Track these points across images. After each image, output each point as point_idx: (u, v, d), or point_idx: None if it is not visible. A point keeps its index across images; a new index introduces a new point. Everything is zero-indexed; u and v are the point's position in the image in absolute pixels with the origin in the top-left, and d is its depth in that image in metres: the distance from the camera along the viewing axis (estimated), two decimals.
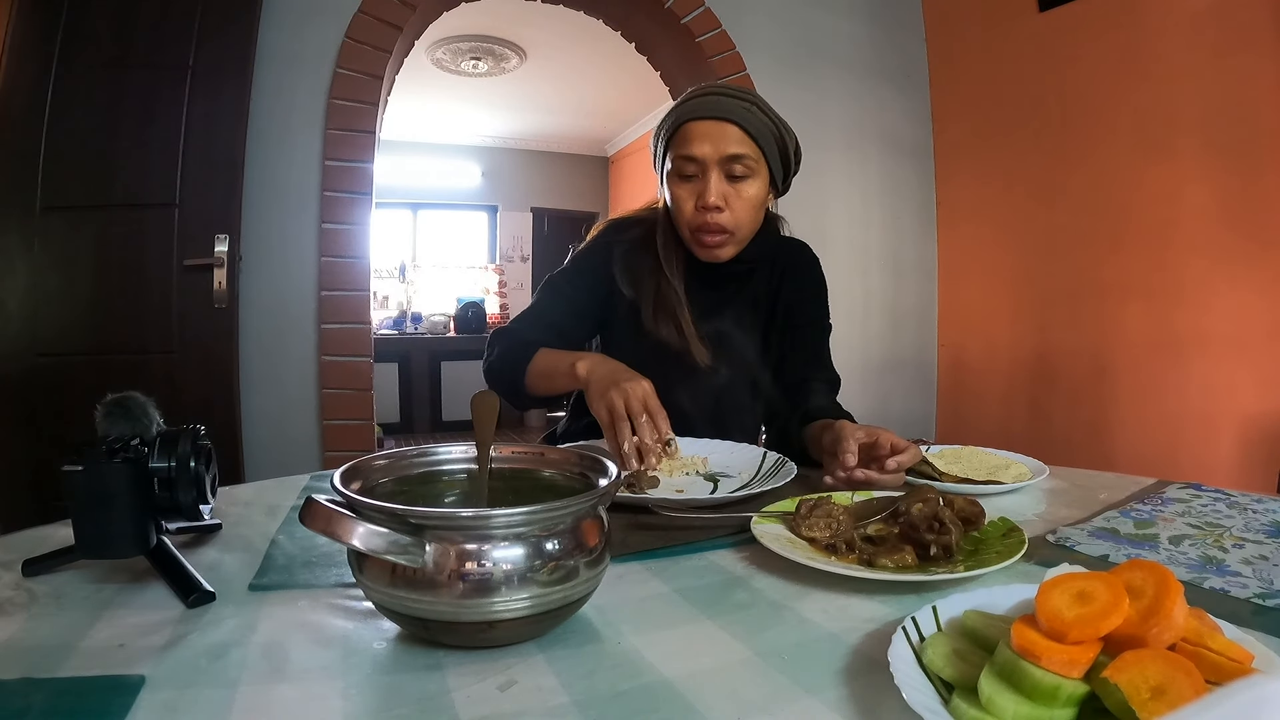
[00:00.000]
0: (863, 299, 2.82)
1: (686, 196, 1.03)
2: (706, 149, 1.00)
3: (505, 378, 1.02)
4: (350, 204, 2.10)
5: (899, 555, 0.55)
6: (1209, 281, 2.10)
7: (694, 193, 1.02)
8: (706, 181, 1.00)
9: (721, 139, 1.00)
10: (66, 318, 1.81)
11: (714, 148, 1.00)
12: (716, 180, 1.00)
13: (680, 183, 1.03)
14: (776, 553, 0.56)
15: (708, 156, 1.00)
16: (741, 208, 1.02)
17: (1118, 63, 2.28)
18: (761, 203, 1.05)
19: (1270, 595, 0.50)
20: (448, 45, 4.41)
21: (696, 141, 1.00)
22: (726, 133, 1.00)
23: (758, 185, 1.03)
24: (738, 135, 1.00)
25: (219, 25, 1.87)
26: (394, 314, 6.05)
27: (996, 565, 0.52)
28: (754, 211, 1.04)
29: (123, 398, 0.55)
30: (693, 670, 0.42)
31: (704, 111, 1.01)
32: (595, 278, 1.11)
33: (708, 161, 1.00)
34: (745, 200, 1.02)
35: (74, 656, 0.43)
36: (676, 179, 1.04)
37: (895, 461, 0.77)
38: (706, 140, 1.00)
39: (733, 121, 1.00)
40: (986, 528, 0.60)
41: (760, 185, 1.03)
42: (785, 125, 1.05)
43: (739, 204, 1.02)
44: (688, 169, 1.02)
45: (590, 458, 0.53)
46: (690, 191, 1.02)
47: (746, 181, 1.02)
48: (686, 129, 1.02)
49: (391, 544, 0.40)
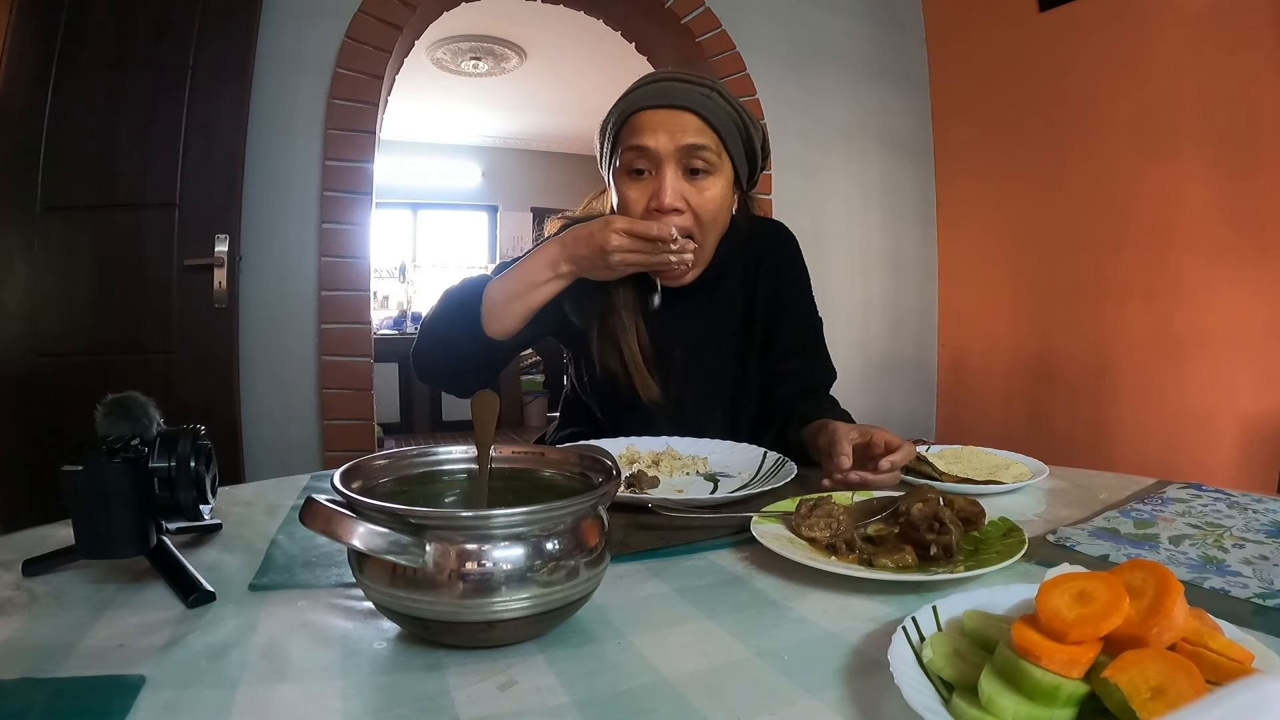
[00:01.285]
0: (863, 299, 2.83)
1: (638, 197, 0.89)
2: (661, 140, 0.87)
3: (454, 335, 0.87)
4: (350, 204, 2.10)
5: (899, 555, 0.55)
6: (1209, 281, 2.10)
7: (646, 192, 0.89)
8: (661, 179, 0.87)
9: (678, 128, 0.87)
10: (66, 318, 1.81)
11: (669, 138, 0.87)
12: (673, 177, 0.88)
13: (630, 181, 0.90)
14: (776, 553, 0.56)
15: (662, 149, 0.87)
16: (703, 208, 0.89)
17: (1118, 63, 2.28)
18: (725, 204, 0.93)
19: (1270, 595, 0.50)
20: (448, 45, 4.41)
21: (648, 132, 0.87)
22: (683, 122, 0.87)
23: (720, 183, 0.91)
24: (696, 124, 0.88)
25: (219, 25, 1.87)
26: (394, 314, 6.05)
27: (996, 565, 0.52)
28: (717, 213, 0.91)
29: (123, 398, 0.55)
30: (693, 670, 0.42)
31: (656, 99, 0.88)
32: None
33: (662, 155, 0.87)
34: (707, 199, 0.89)
35: (74, 656, 0.43)
36: (625, 176, 0.91)
37: (889, 461, 0.73)
38: (661, 130, 0.87)
39: (690, 110, 0.87)
40: (986, 528, 0.60)
41: (724, 183, 0.91)
42: (749, 114, 0.93)
43: (700, 203, 0.89)
44: (638, 163, 0.89)
45: (590, 458, 0.53)
46: (642, 191, 0.89)
47: (707, 178, 0.90)
48: (637, 119, 0.89)
49: (392, 544, 0.40)
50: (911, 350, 2.95)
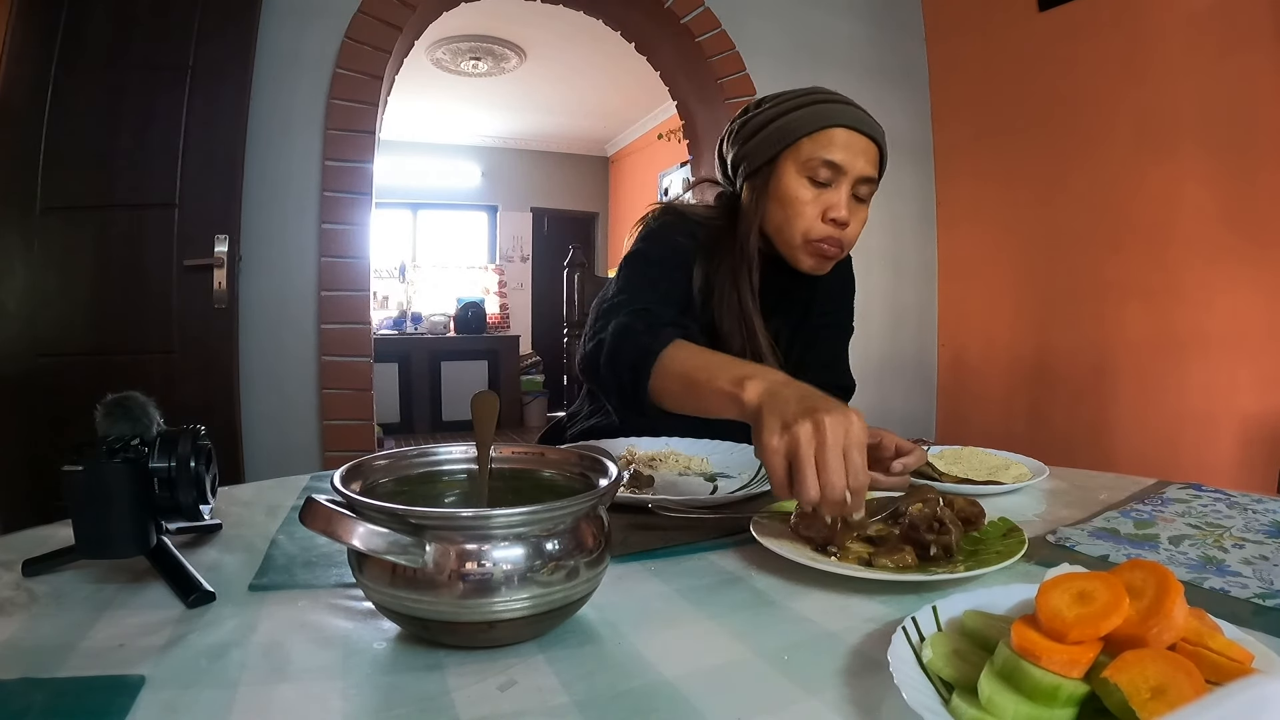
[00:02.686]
0: (863, 299, 2.78)
1: (811, 201, 0.95)
2: (853, 161, 0.93)
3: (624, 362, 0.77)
4: (350, 204, 2.10)
5: (899, 555, 0.55)
6: (1209, 281, 2.10)
7: (821, 201, 0.94)
8: (839, 194, 0.94)
9: (864, 157, 0.94)
10: (66, 318, 1.81)
11: (858, 163, 0.94)
12: (847, 195, 0.94)
13: (808, 185, 0.95)
14: (776, 552, 0.56)
15: (849, 168, 0.93)
16: (856, 229, 0.97)
17: (1118, 63, 2.28)
18: None
19: (1270, 595, 0.50)
20: (448, 45, 4.41)
21: (843, 150, 0.93)
22: (870, 152, 0.95)
23: (868, 208, 0.99)
24: (875, 158, 0.96)
25: (219, 25, 1.87)
26: (394, 314, 6.06)
27: (996, 565, 0.52)
28: (861, 231, 0.99)
29: (123, 398, 0.55)
30: (693, 670, 0.42)
31: (857, 123, 0.94)
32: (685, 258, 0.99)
33: (848, 174, 0.94)
34: (859, 222, 0.97)
35: (74, 656, 0.43)
36: (805, 180, 0.95)
37: (901, 464, 0.75)
38: (853, 152, 0.94)
39: (876, 142, 0.95)
40: (986, 528, 0.60)
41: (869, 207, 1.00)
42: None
43: (855, 225, 0.97)
44: (822, 174, 0.94)
45: (590, 458, 0.53)
46: (817, 198, 0.95)
47: (865, 205, 0.98)
48: (837, 133, 0.94)
49: (392, 544, 0.40)
50: (911, 350, 2.94)
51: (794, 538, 0.60)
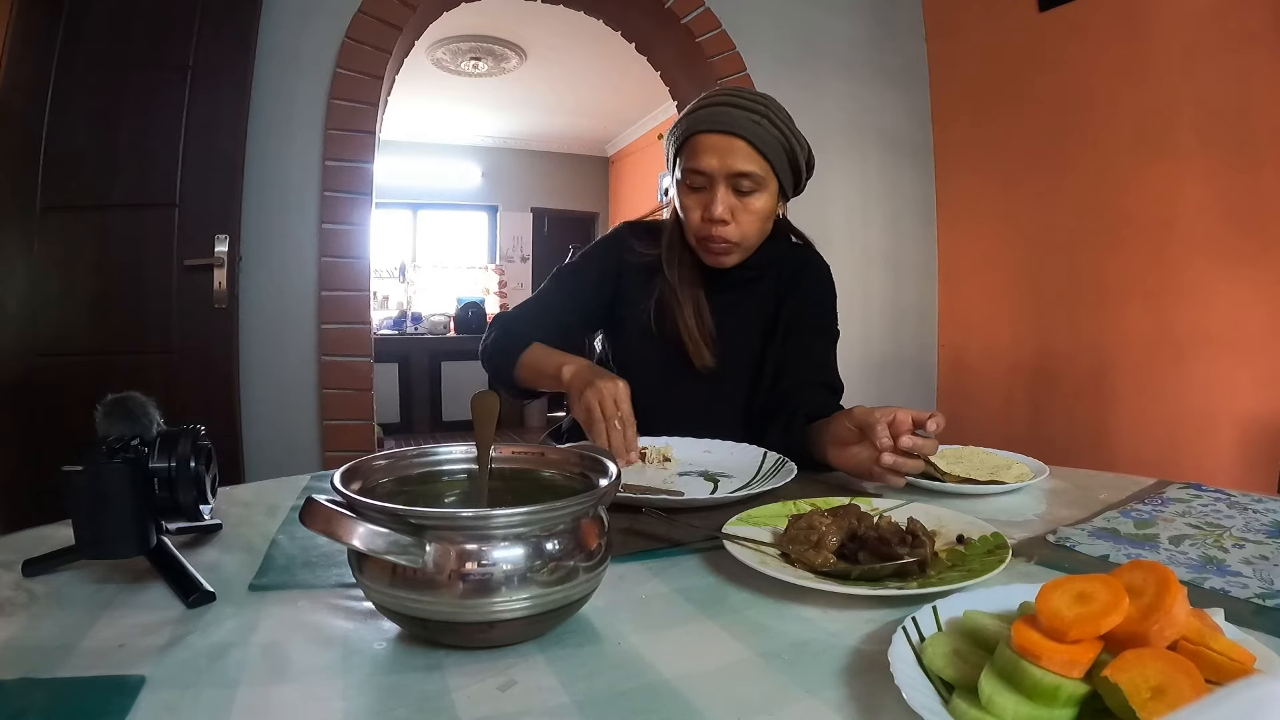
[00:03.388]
0: (863, 299, 2.82)
1: (693, 206, 1.03)
2: (714, 163, 0.99)
3: (499, 366, 1.05)
4: (350, 204, 2.10)
5: (880, 563, 0.54)
6: (1209, 281, 2.10)
7: (701, 203, 1.02)
8: (713, 194, 1.00)
9: (729, 155, 0.99)
10: (66, 318, 1.81)
11: (721, 163, 0.99)
12: (724, 194, 1.00)
13: (688, 193, 1.04)
14: (752, 566, 0.54)
15: (715, 170, 0.99)
16: (748, 221, 1.02)
17: (1118, 63, 2.28)
18: (769, 214, 1.05)
19: (1270, 595, 0.50)
20: (448, 45, 4.41)
21: (704, 155, 1.00)
22: (735, 149, 0.99)
23: (765, 198, 1.02)
24: (746, 152, 0.99)
25: (219, 25, 1.87)
26: (394, 314, 6.05)
27: (970, 581, 0.49)
28: (760, 224, 1.04)
29: (123, 398, 0.55)
30: (693, 670, 0.42)
31: (713, 124, 0.99)
32: (603, 275, 1.13)
33: (715, 175, 1.00)
34: (752, 214, 1.02)
35: (74, 656, 0.43)
36: (685, 189, 1.04)
37: (934, 423, 0.76)
38: (714, 155, 0.99)
39: (741, 137, 0.98)
40: (973, 543, 0.58)
41: (768, 198, 1.03)
42: (796, 135, 1.04)
43: (745, 217, 1.02)
44: (695, 181, 1.02)
45: (590, 458, 0.53)
46: (697, 202, 1.03)
47: (753, 196, 1.01)
48: (695, 141, 1.01)
49: (392, 544, 0.40)
50: (911, 350, 2.94)
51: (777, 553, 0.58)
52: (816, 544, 0.57)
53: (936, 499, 0.76)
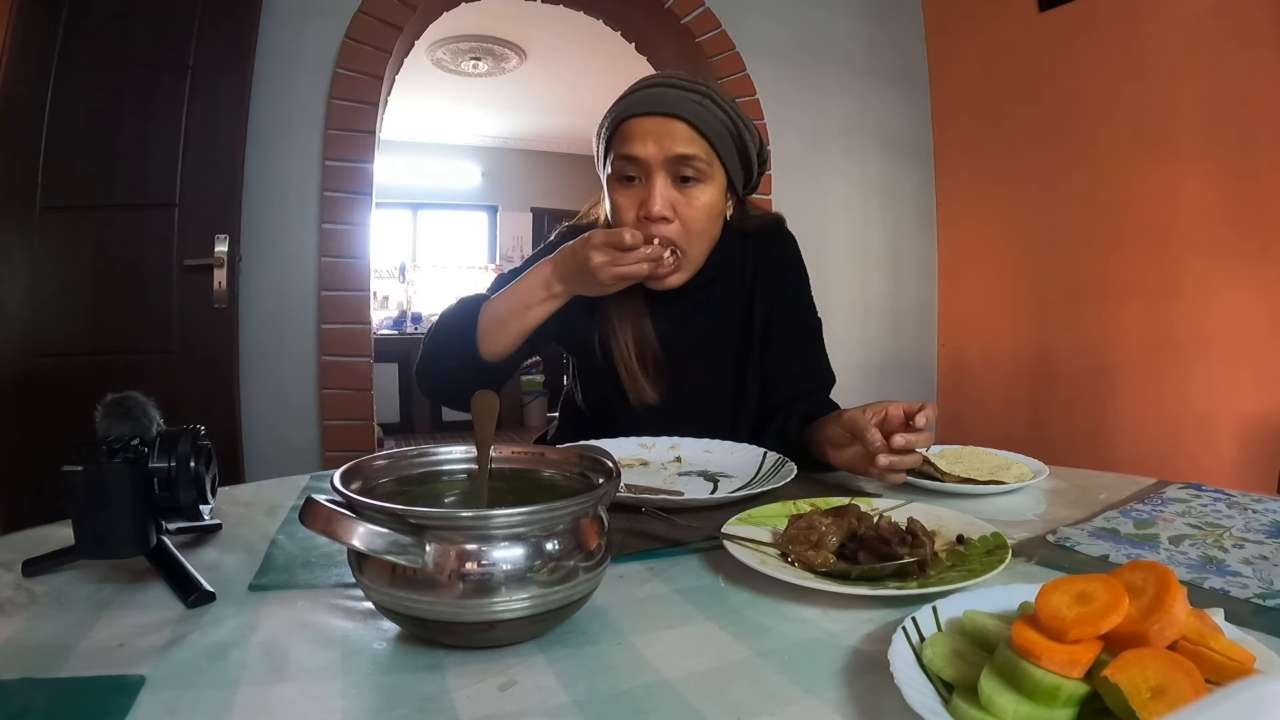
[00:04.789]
0: (863, 299, 2.82)
1: (628, 204, 0.90)
2: (650, 149, 0.87)
3: (451, 351, 0.89)
4: (350, 204, 2.10)
5: (874, 569, 0.54)
6: (1209, 281, 2.10)
7: (636, 199, 0.89)
8: (650, 187, 0.88)
9: (668, 137, 0.87)
10: (66, 318, 1.81)
11: (659, 147, 0.87)
12: (663, 185, 0.88)
13: (621, 187, 0.91)
14: (754, 568, 0.54)
15: (651, 157, 0.87)
16: (692, 217, 0.89)
17: (1118, 63, 2.28)
18: (716, 212, 0.93)
19: (1270, 595, 0.50)
20: (448, 45, 4.41)
21: (639, 140, 0.87)
22: (673, 130, 0.87)
23: (711, 191, 0.90)
24: (686, 133, 0.87)
25: (218, 25, 1.87)
26: (394, 314, 6.05)
27: (969, 581, 0.49)
28: (707, 222, 0.91)
29: (123, 398, 0.55)
30: (693, 670, 0.42)
31: (647, 106, 0.88)
32: None
33: (651, 163, 0.87)
34: (696, 209, 0.89)
35: (74, 656, 0.43)
36: (617, 183, 0.91)
37: (924, 417, 0.72)
38: (650, 138, 0.87)
39: (680, 118, 0.87)
40: (973, 543, 0.58)
41: (714, 191, 0.91)
42: (744, 120, 0.93)
43: (689, 212, 0.89)
44: (629, 170, 0.89)
45: (590, 458, 0.53)
46: (632, 198, 0.90)
47: (698, 186, 0.89)
48: (628, 126, 0.89)
49: (391, 544, 0.40)
50: (911, 350, 2.94)
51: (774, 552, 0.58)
52: (816, 544, 0.57)
53: (936, 499, 0.76)
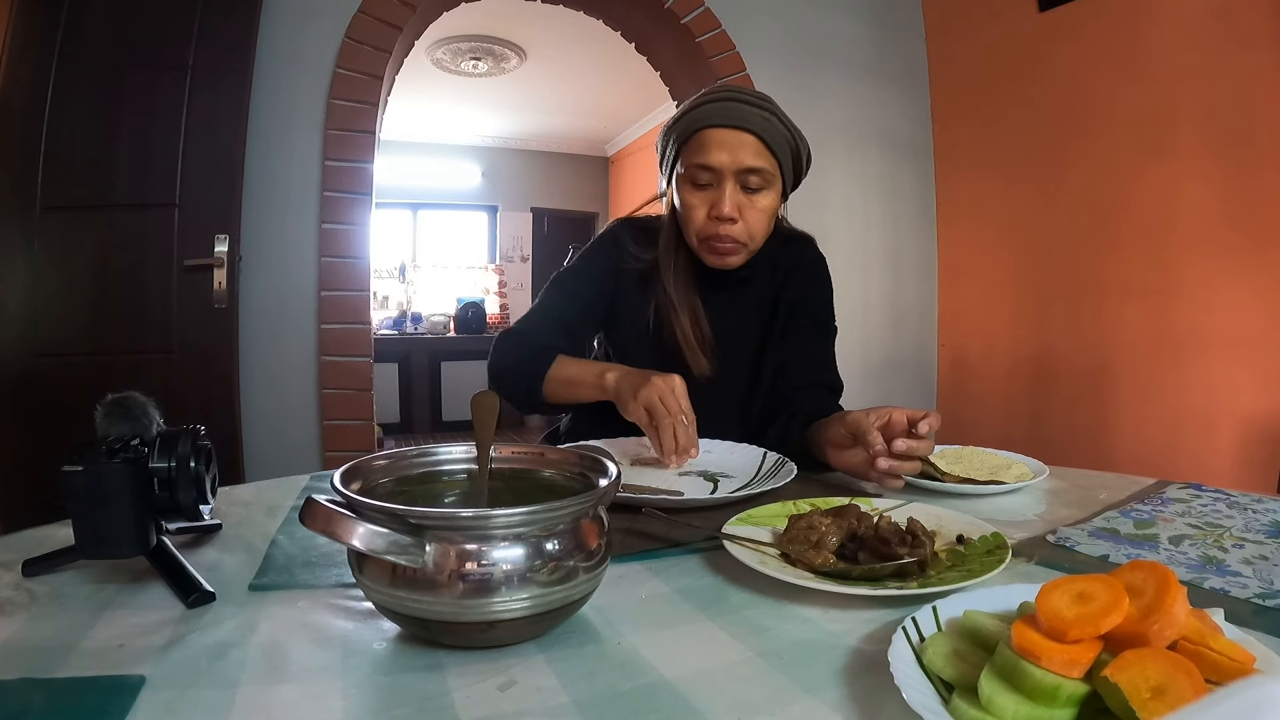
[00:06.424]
0: (863, 299, 2.82)
1: (699, 204, 1.01)
2: (724, 159, 0.97)
3: (521, 383, 1.01)
4: (350, 204, 2.10)
5: (880, 563, 0.54)
6: (1208, 281, 2.10)
7: (707, 201, 1.00)
8: (721, 191, 0.98)
9: (739, 150, 0.97)
10: (66, 318, 1.81)
11: (731, 158, 0.97)
12: (732, 191, 0.98)
13: (693, 190, 1.01)
14: (754, 567, 0.54)
15: (724, 166, 0.97)
16: (755, 219, 1.00)
17: (1118, 63, 2.28)
18: (774, 213, 1.04)
19: (1270, 595, 0.50)
20: (448, 45, 4.41)
21: (714, 150, 0.97)
22: (744, 143, 0.97)
23: (771, 196, 1.01)
24: (756, 147, 0.97)
25: (219, 24, 1.87)
26: (394, 314, 6.05)
27: (973, 580, 0.49)
28: (767, 222, 1.03)
29: (123, 398, 0.55)
30: (693, 670, 0.42)
31: (722, 119, 0.97)
32: (604, 274, 1.11)
33: (724, 171, 0.98)
34: (759, 211, 1.00)
35: (74, 656, 0.43)
36: (689, 186, 1.01)
37: (926, 425, 0.75)
38: (724, 150, 0.97)
39: (752, 132, 0.97)
40: (973, 543, 0.59)
41: (774, 196, 1.02)
42: (798, 131, 1.03)
43: (753, 215, 1.00)
44: (702, 177, 0.99)
45: (590, 458, 0.53)
46: (703, 200, 1.00)
47: (761, 193, 1.00)
48: (703, 136, 0.98)
49: (391, 544, 0.40)
50: (911, 350, 2.94)
51: (775, 553, 0.58)
52: (816, 544, 0.57)
53: (936, 499, 0.76)
